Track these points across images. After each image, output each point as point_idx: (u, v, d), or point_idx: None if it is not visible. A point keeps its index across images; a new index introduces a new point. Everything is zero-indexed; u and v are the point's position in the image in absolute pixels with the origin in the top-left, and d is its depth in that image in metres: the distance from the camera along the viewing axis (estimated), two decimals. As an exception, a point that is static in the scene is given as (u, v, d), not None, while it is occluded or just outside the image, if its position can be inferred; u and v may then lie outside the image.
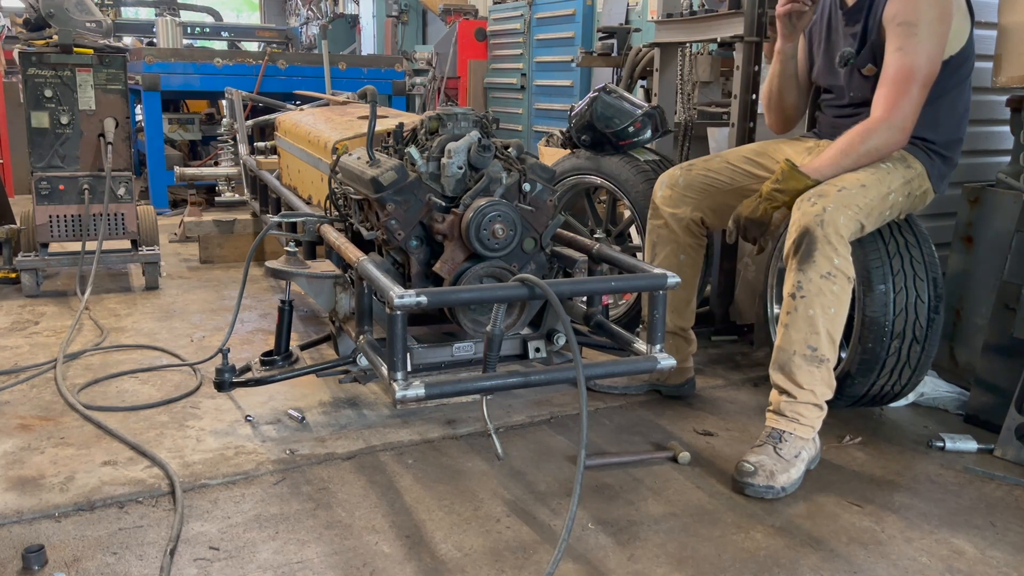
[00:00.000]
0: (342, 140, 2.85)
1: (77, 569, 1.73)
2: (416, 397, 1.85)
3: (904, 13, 2.21)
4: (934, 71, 2.23)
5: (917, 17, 2.20)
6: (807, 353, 2.15)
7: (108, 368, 2.88)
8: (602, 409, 2.65)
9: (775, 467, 2.11)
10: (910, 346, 2.38)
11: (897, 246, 2.39)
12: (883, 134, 2.23)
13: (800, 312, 2.15)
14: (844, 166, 2.27)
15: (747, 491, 2.10)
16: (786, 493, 2.11)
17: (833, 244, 2.12)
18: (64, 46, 3.63)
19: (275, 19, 14.02)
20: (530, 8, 6.81)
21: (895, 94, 2.21)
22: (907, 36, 2.20)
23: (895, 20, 2.23)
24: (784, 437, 2.17)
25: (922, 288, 2.38)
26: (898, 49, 2.22)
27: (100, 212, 3.77)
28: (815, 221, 2.13)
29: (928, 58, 2.21)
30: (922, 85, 2.21)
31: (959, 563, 1.84)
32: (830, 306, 2.14)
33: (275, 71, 6.20)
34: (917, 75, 2.20)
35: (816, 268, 2.13)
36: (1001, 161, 3.06)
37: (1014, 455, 2.33)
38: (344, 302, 2.45)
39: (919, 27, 2.19)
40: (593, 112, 3.14)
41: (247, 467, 2.19)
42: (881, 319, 2.35)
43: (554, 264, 2.45)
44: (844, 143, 2.28)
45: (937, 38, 2.22)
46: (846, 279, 2.15)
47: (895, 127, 2.22)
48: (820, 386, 2.18)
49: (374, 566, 1.78)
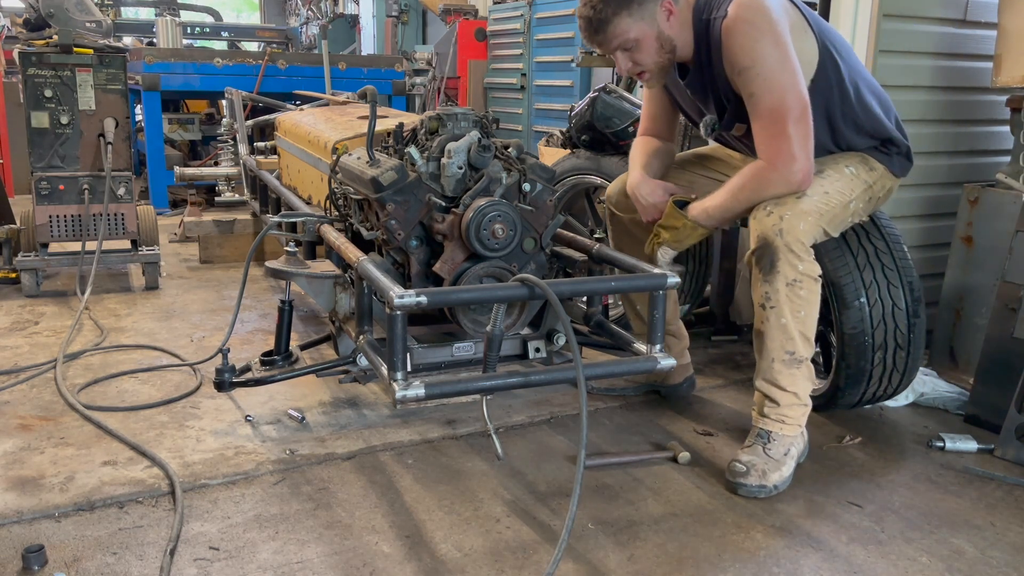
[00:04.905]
0: (342, 140, 2.85)
1: (77, 569, 1.73)
2: (416, 397, 1.85)
3: (738, 61, 2.08)
4: (800, 99, 2.06)
5: (752, 58, 2.05)
6: (785, 358, 2.15)
7: (108, 368, 2.88)
8: (602, 409, 2.65)
9: (766, 466, 2.12)
10: (895, 354, 2.37)
11: (867, 256, 2.35)
12: (777, 184, 2.11)
13: (772, 322, 2.14)
14: (734, 211, 2.20)
15: (740, 491, 2.11)
16: (778, 491, 2.11)
17: (795, 252, 2.08)
18: (64, 46, 3.63)
19: (275, 19, 14.00)
20: (530, 8, 6.80)
21: (771, 140, 2.08)
22: (753, 80, 2.07)
23: (734, 71, 2.10)
24: (772, 437, 2.17)
25: (898, 295, 2.34)
26: (751, 96, 2.09)
27: (100, 212, 3.77)
28: (773, 231, 2.09)
29: (783, 89, 2.04)
30: (796, 118, 2.05)
31: (959, 563, 1.84)
32: (799, 310, 2.12)
33: (275, 71, 6.20)
34: (783, 112, 2.05)
35: (781, 278, 2.10)
36: (1001, 161, 3.07)
37: (1014, 455, 2.33)
38: (344, 302, 2.45)
39: (757, 67, 2.05)
40: (593, 112, 3.14)
41: (247, 467, 2.19)
42: (861, 335, 2.33)
43: (554, 264, 2.45)
44: (736, 187, 2.17)
45: (783, 66, 2.05)
46: (813, 280, 2.12)
47: (787, 173, 2.09)
48: (802, 384, 2.18)
49: (374, 566, 1.78)
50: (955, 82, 3.09)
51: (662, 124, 2.55)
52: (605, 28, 2.15)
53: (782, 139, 2.07)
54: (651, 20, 2.14)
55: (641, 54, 2.19)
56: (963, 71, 3.10)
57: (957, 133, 3.16)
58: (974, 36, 3.08)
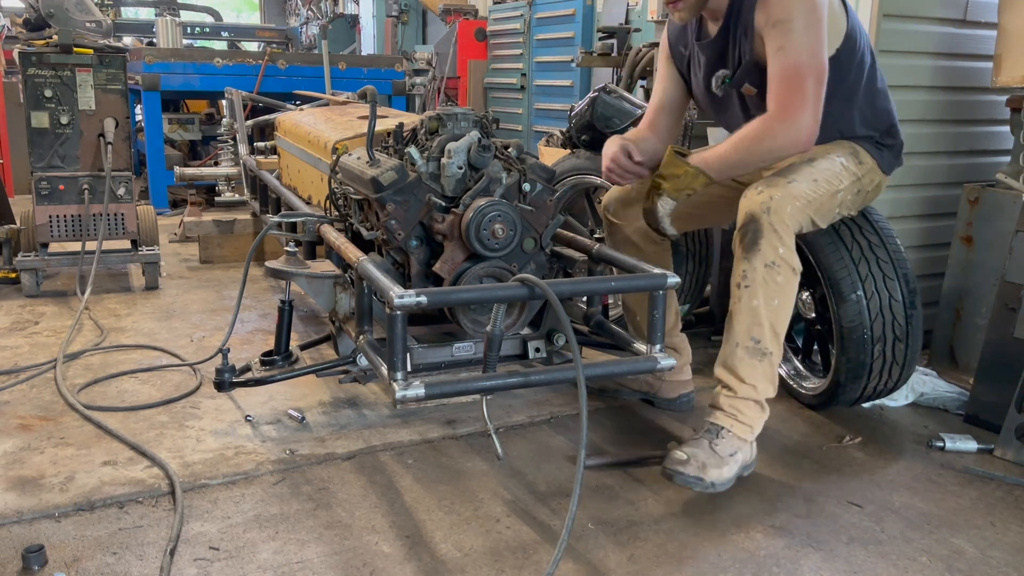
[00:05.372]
0: (342, 140, 2.85)
1: (77, 569, 1.73)
2: (416, 397, 1.85)
3: (776, 13, 2.08)
4: (821, 65, 2.09)
5: (789, 13, 2.07)
6: (750, 345, 2.10)
7: (108, 368, 2.88)
8: (602, 409, 2.65)
9: (708, 460, 2.05)
10: (893, 346, 2.38)
11: (861, 250, 2.36)
12: (781, 137, 2.09)
13: (744, 302, 2.11)
14: (731, 161, 2.16)
15: (676, 479, 2.04)
16: (715, 490, 2.04)
17: (779, 233, 2.07)
18: (64, 46, 3.63)
19: (275, 19, 14.00)
20: (530, 8, 6.81)
21: (788, 92, 2.08)
22: (785, 34, 2.07)
23: (768, 22, 2.10)
24: (721, 433, 2.11)
25: (894, 288, 2.36)
26: (779, 49, 2.09)
27: (100, 212, 3.77)
28: (761, 208, 2.08)
29: (810, 52, 2.07)
30: (815, 80, 2.07)
31: (959, 563, 1.84)
32: (774, 297, 2.08)
33: (275, 71, 6.20)
34: (805, 70, 2.07)
35: (761, 256, 2.08)
36: (1001, 161, 3.07)
37: (1014, 455, 2.33)
38: (344, 302, 2.45)
39: (793, 22, 2.06)
40: (593, 112, 3.14)
41: (247, 467, 2.19)
42: (859, 328, 2.34)
43: (554, 264, 2.45)
44: (737, 138, 2.16)
45: (814, 31, 2.07)
46: (791, 270, 2.09)
47: (794, 128, 2.08)
48: (762, 382, 2.11)
49: (374, 566, 1.78)
50: (955, 82, 3.09)
51: (668, 117, 2.49)
52: None
53: (798, 94, 2.07)
54: None
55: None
56: (963, 71, 3.10)
57: (957, 133, 3.16)
58: (974, 36, 3.08)
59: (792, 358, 2.75)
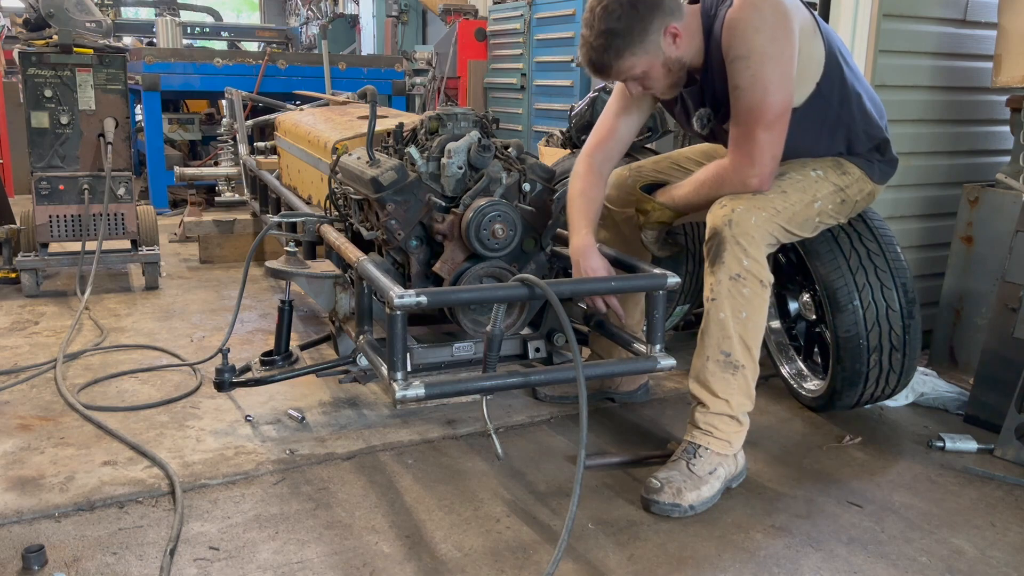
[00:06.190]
0: (342, 140, 2.86)
1: (77, 569, 1.73)
2: (416, 397, 1.85)
3: (735, 47, 2.00)
4: (781, 101, 2.01)
5: (748, 48, 1.98)
6: (720, 359, 2.05)
7: (108, 368, 2.88)
8: (602, 409, 2.65)
9: (684, 484, 2.01)
10: (890, 355, 2.36)
11: (859, 258, 2.33)
12: (734, 187, 2.09)
13: (712, 316, 2.06)
14: (694, 203, 2.21)
15: (652, 508, 2.00)
16: (695, 512, 1.99)
17: (742, 245, 2.02)
18: (64, 46, 3.63)
19: (275, 19, 14.01)
20: (530, 8, 6.80)
21: (741, 140, 2.05)
22: (741, 72, 2.00)
23: (728, 56, 2.02)
24: (699, 452, 2.07)
25: (891, 297, 2.32)
26: (735, 88, 2.03)
27: (100, 212, 3.77)
28: (723, 222, 2.05)
29: (765, 89, 1.99)
30: (768, 123, 2.01)
31: (959, 563, 1.84)
32: (741, 310, 2.03)
33: (275, 71, 6.20)
34: (762, 114, 2.00)
35: (725, 269, 2.04)
36: (1001, 161, 3.07)
37: (1014, 455, 2.33)
38: (344, 302, 2.46)
39: (750, 59, 1.98)
40: (593, 112, 3.14)
41: (247, 467, 2.19)
42: (855, 337, 2.32)
43: (554, 264, 2.45)
44: (698, 182, 2.19)
45: (774, 63, 1.99)
46: (758, 282, 2.04)
47: (746, 177, 2.06)
48: (736, 396, 2.06)
49: (374, 566, 1.78)
50: (955, 82, 3.09)
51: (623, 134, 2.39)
52: (609, 70, 2.10)
53: (747, 142, 2.05)
54: (656, 51, 2.06)
55: (650, 80, 2.14)
56: (963, 71, 3.10)
57: (957, 133, 3.16)
58: (974, 36, 3.08)
59: (795, 358, 2.75)
